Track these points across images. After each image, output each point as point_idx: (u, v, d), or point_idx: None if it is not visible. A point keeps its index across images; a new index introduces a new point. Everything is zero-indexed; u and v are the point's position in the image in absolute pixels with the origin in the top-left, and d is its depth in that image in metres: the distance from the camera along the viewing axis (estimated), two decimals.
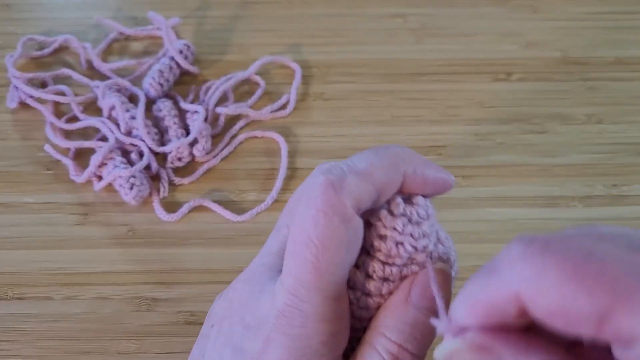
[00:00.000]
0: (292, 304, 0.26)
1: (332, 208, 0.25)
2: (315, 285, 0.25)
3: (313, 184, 0.26)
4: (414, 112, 0.55)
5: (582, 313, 0.19)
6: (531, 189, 0.50)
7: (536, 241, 0.20)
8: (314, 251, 0.25)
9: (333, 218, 0.25)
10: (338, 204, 0.25)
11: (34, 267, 0.46)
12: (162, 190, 0.50)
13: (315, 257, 0.25)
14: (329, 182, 0.25)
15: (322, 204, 0.25)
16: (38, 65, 0.57)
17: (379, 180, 0.26)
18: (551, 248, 0.20)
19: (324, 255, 0.25)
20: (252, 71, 0.56)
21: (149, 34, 0.59)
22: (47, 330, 0.43)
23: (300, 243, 0.25)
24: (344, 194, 0.25)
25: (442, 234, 0.29)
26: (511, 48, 0.59)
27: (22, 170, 0.51)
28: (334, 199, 0.25)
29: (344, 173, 0.26)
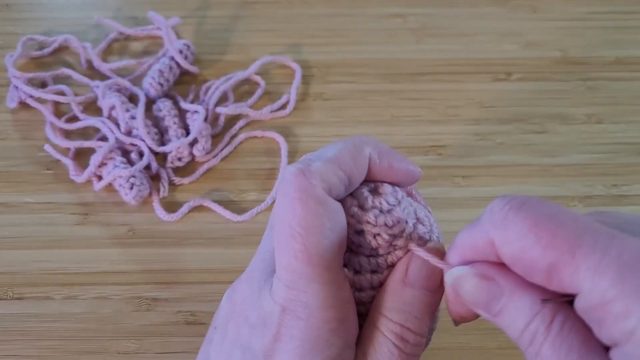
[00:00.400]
0: (293, 297, 0.26)
1: (304, 192, 0.26)
2: (309, 273, 0.26)
3: (285, 176, 0.27)
4: (414, 112, 0.55)
5: (535, 264, 0.22)
6: (531, 189, 0.50)
7: (515, 199, 0.24)
8: (299, 239, 0.26)
9: (308, 201, 0.26)
10: (309, 187, 0.26)
11: (34, 267, 0.46)
12: (162, 190, 0.50)
13: (302, 244, 0.26)
14: (298, 170, 0.26)
15: (295, 191, 0.26)
16: (38, 65, 0.57)
17: (346, 164, 0.27)
18: (525, 207, 0.23)
19: (309, 240, 0.25)
20: (252, 71, 0.56)
21: (149, 34, 0.59)
22: (47, 330, 0.43)
23: (283, 234, 0.26)
24: (313, 178, 0.26)
25: (421, 213, 0.29)
26: (511, 48, 0.59)
27: (22, 170, 0.51)
28: (305, 183, 0.26)
29: (312, 160, 0.27)
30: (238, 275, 0.46)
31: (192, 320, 0.44)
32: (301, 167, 0.26)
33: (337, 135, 0.53)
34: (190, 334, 0.43)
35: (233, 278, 0.46)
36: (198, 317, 0.44)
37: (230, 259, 0.46)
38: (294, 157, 0.52)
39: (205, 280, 0.45)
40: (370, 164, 0.28)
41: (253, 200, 0.50)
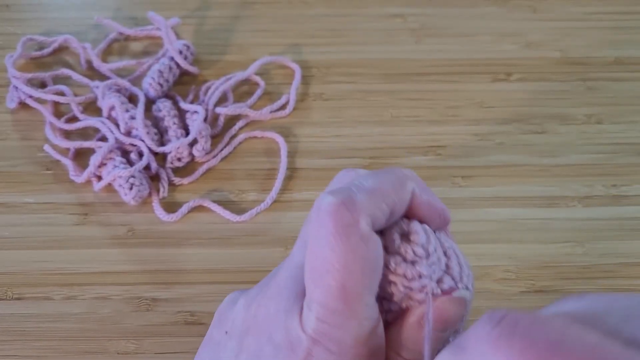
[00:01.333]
0: (324, 331, 0.25)
1: (347, 228, 0.24)
2: (345, 311, 0.24)
3: (323, 206, 0.24)
4: (414, 112, 0.55)
5: None
6: (531, 189, 0.50)
7: (504, 322, 0.19)
8: (337, 276, 0.24)
9: (351, 238, 0.23)
10: (353, 222, 0.24)
11: (34, 267, 0.46)
12: (162, 191, 0.50)
13: (340, 282, 0.24)
14: (340, 202, 0.24)
15: (336, 226, 0.24)
16: (38, 65, 0.57)
17: (389, 197, 0.25)
18: (518, 332, 0.19)
19: (349, 280, 0.24)
20: (251, 71, 0.56)
21: (148, 34, 0.59)
22: (46, 330, 0.43)
23: (319, 269, 0.24)
24: (357, 211, 0.24)
25: (453, 261, 0.27)
26: (511, 48, 0.59)
27: (22, 171, 0.51)
28: (348, 218, 0.24)
29: (353, 192, 0.25)
30: (238, 276, 0.46)
31: (191, 321, 0.44)
32: (343, 199, 0.24)
33: (337, 135, 0.53)
34: (190, 334, 0.43)
35: (233, 278, 0.46)
36: (198, 317, 0.44)
37: (229, 259, 0.46)
38: (294, 157, 0.52)
39: (205, 281, 0.45)
40: (412, 199, 0.26)
41: (253, 201, 0.50)
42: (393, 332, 0.27)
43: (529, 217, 0.49)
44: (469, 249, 0.47)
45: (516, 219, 0.49)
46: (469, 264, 0.28)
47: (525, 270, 0.46)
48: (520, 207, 0.49)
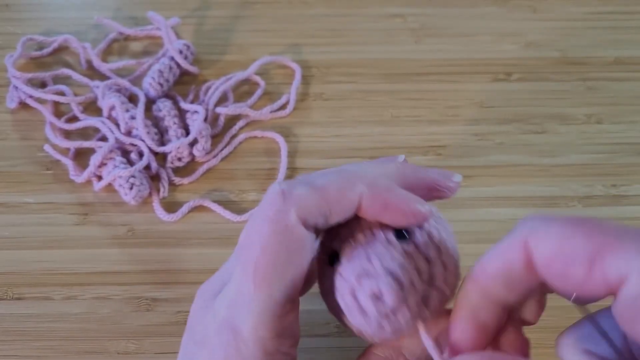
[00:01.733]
0: (230, 319, 0.25)
1: (276, 214, 0.25)
2: (251, 293, 0.25)
3: (267, 193, 0.26)
4: (414, 112, 0.55)
5: (576, 254, 0.22)
6: (531, 189, 0.50)
7: (545, 214, 0.24)
8: (254, 254, 0.25)
9: (277, 224, 0.25)
10: (283, 210, 0.25)
11: (34, 267, 0.46)
12: (162, 190, 0.50)
13: (256, 261, 0.25)
14: (280, 191, 0.25)
15: (269, 210, 0.25)
16: (38, 65, 0.57)
17: (330, 195, 0.26)
18: (557, 217, 0.23)
19: (261, 259, 0.25)
20: (251, 71, 0.56)
21: (148, 34, 0.59)
22: (46, 330, 0.43)
23: (242, 245, 0.25)
24: (291, 202, 0.25)
25: (436, 268, 0.28)
26: (511, 48, 0.59)
27: (22, 170, 0.51)
28: (280, 205, 0.25)
29: (297, 184, 0.26)
30: None
31: None
32: (284, 189, 0.26)
33: (337, 135, 0.53)
34: None
35: None
36: None
37: None
38: (294, 157, 0.52)
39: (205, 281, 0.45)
40: (361, 203, 0.26)
41: (253, 201, 0.50)
42: None
43: None
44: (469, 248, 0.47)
45: (516, 219, 0.48)
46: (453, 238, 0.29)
47: None
48: (520, 207, 0.49)
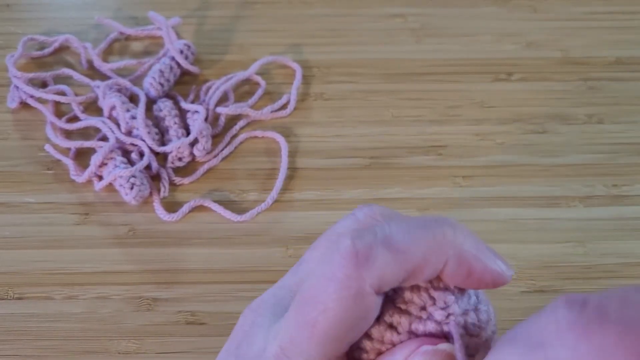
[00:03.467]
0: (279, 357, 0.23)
1: (348, 280, 0.22)
2: (307, 350, 0.23)
3: (340, 244, 0.22)
4: (415, 112, 0.55)
5: None
6: (531, 189, 0.50)
7: (589, 306, 0.16)
8: (314, 313, 0.22)
9: (346, 290, 0.22)
10: (356, 278, 0.22)
11: (34, 267, 0.46)
12: (163, 190, 0.50)
13: (316, 321, 0.22)
14: (355, 252, 0.22)
15: (340, 272, 0.22)
16: (38, 65, 0.57)
17: (413, 263, 0.22)
18: (611, 318, 0.16)
19: (324, 323, 0.22)
20: (252, 71, 0.56)
21: (149, 34, 0.59)
22: (47, 330, 0.43)
23: (305, 301, 0.23)
24: (367, 269, 0.22)
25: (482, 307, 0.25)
26: (511, 48, 0.59)
27: (23, 170, 0.51)
28: (354, 271, 0.22)
29: (375, 243, 0.22)
30: (239, 276, 0.46)
31: (192, 320, 0.44)
32: (360, 249, 0.22)
33: (338, 135, 0.53)
34: (191, 334, 0.43)
35: (233, 278, 0.46)
36: (198, 317, 0.44)
37: (230, 259, 0.46)
38: (295, 157, 0.52)
39: (205, 280, 0.45)
40: (444, 268, 0.23)
41: (253, 200, 0.50)
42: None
43: (529, 217, 0.49)
44: None
45: (517, 219, 0.49)
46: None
47: (525, 270, 0.46)
48: (521, 207, 0.49)
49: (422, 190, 0.50)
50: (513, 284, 0.45)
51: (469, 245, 0.23)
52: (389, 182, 0.51)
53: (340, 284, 0.22)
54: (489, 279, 0.23)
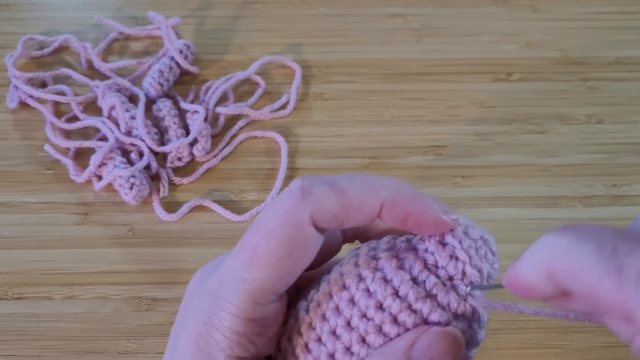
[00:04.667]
0: (215, 289, 0.25)
1: (291, 209, 0.25)
2: (244, 274, 0.24)
3: (290, 186, 0.25)
4: (414, 112, 0.55)
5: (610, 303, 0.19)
6: (531, 189, 0.50)
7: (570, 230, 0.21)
8: (257, 238, 0.24)
9: (288, 218, 0.24)
10: (300, 210, 0.24)
11: (34, 267, 0.46)
12: (162, 190, 0.50)
13: (256, 245, 0.24)
14: (301, 187, 0.25)
15: (286, 203, 0.25)
16: (38, 65, 0.57)
17: (351, 200, 0.25)
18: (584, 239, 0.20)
19: (265, 246, 0.24)
20: (252, 71, 0.56)
21: (149, 34, 0.59)
22: (46, 330, 0.43)
23: (251, 230, 0.25)
24: (308, 200, 0.25)
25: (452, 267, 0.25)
26: (511, 48, 0.59)
27: (22, 170, 0.51)
28: (298, 201, 0.25)
29: (318, 182, 0.25)
30: None
31: None
32: (304, 185, 0.25)
33: (337, 135, 0.53)
34: None
35: None
36: None
37: None
38: (294, 156, 0.52)
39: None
40: (382, 211, 0.25)
41: (253, 200, 0.50)
42: (380, 353, 0.25)
43: (529, 217, 0.49)
44: None
45: (517, 219, 0.49)
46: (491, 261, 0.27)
47: None
48: (521, 207, 0.49)
49: (422, 190, 0.50)
50: None
51: (404, 192, 0.26)
52: None
53: (284, 213, 0.24)
54: (429, 221, 0.26)
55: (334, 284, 0.26)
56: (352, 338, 0.25)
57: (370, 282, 0.25)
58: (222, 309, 0.25)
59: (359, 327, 0.25)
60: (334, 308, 0.25)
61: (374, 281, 0.25)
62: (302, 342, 0.26)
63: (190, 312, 0.26)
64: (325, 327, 0.25)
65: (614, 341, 0.43)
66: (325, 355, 0.25)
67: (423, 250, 0.26)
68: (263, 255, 0.24)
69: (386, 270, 0.25)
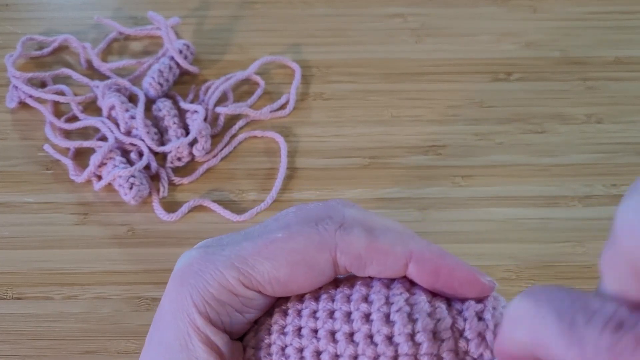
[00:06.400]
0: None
1: (324, 232, 0.24)
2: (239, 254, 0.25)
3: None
4: (414, 111, 0.55)
5: None
6: (531, 189, 0.50)
7: None
8: (278, 236, 0.25)
9: (316, 236, 0.24)
10: (330, 233, 0.24)
11: (34, 267, 0.46)
12: (162, 190, 0.50)
13: (274, 239, 0.24)
14: (341, 223, 0.24)
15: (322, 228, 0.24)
16: (38, 65, 0.57)
17: (378, 243, 0.24)
18: None
19: (280, 242, 0.24)
20: (251, 71, 0.56)
21: (148, 34, 0.59)
22: (46, 330, 0.43)
23: (278, 225, 0.25)
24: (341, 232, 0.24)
25: None
26: (511, 48, 0.59)
27: (22, 170, 0.51)
28: (332, 229, 0.24)
29: (357, 224, 0.25)
30: None
31: None
32: (347, 224, 0.24)
33: (337, 135, 0.53)
34: None
35: None
36: None
37: None
38: (294, 156, 0.52)
39: None
40: (410, 263, 0.24)
41: (253, 200, 0.50)
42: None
43: (529, 216, 0.49)
44: (469, 248, 0.47)
45: (516, 219, 0.49)
46: None
47: (525, 269, 0.46)
48: (521, 207, 0.49)
49: (421, 190, 0.50)
50: (512, 284, 0.46)
51: (435, 248, 0.24)
52: (388, 182, 0.51)
53: (316, 230, 0.24)
54: (462, 277, 0.24)
55: None
56: None
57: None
58: (210, 273, 0.25)
59: None
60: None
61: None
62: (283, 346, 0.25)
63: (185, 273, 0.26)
64: None
65: None
66: None
67: (457, 311, 0.24)
68: (274, 250, 0.24)
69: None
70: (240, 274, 0.24)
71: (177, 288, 0.26)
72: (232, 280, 0.24)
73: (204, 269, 0.25)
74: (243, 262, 0.24)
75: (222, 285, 0.24)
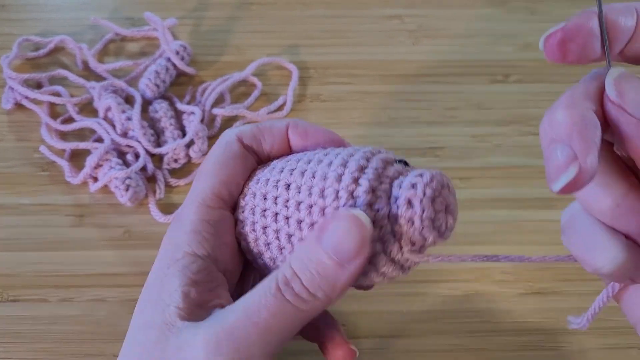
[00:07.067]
0: (179, 212, 0.33)
1: (223, 137, 0.34)
2: (195, 185, 0.33)
3: None
4: (412, 113, 0.55)
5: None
6: (529, 191, 0.50)
7: None
8: (202, 164, 0.34)
9: (221, 143, 0.34)
10: (228, 132, 0.34)
11: (29, 269, 0.46)
12: (158, 192, 0.49)
13: (202, 166, 0.34)
14: (235, 133, 0.35)
15: (227, 135, 0.35)
16: (34, 66, 0.57)
17: (263, 125, 0.35)
18: None
19: (206, 163, 0.33)
20: (248, 72, 0.56)
21: (145, 35, 0.59)
22: (42, 332, 0.43)
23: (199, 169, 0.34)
24: (236, 130, 0.35)
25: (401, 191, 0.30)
26: (508, 50, 0.59)
27: (18, 172, 0.51)
28: (229, 132, 0.35)
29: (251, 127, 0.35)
30: None
31: None
32: (237, 132, 0.35)
33: None
34: None
35: None
36: None
37: None
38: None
39: None
40: (288, 132, 0.35)
41: None
42: None
43: (527, 218, 0.49)
44: (468, 250, 0.47)
45: (514, 221, 0.49)
46: None
47: (523, 272, 0.46)
48: (518, 209, 0.49)
49: None
50: (511, 286, 0.45)
51: (302, 122, 0.35)
52: None
53: (219, 143, 0.34)
54: (326, 137, 0.36)
55: None
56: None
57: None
58: (184, 217, 0.32)
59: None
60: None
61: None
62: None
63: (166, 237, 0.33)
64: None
65: (613, 343, 0.43)
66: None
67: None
68: (205, 169, 0.33)
69: None
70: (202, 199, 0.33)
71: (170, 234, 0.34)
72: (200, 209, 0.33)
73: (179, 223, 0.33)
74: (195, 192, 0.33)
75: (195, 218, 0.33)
